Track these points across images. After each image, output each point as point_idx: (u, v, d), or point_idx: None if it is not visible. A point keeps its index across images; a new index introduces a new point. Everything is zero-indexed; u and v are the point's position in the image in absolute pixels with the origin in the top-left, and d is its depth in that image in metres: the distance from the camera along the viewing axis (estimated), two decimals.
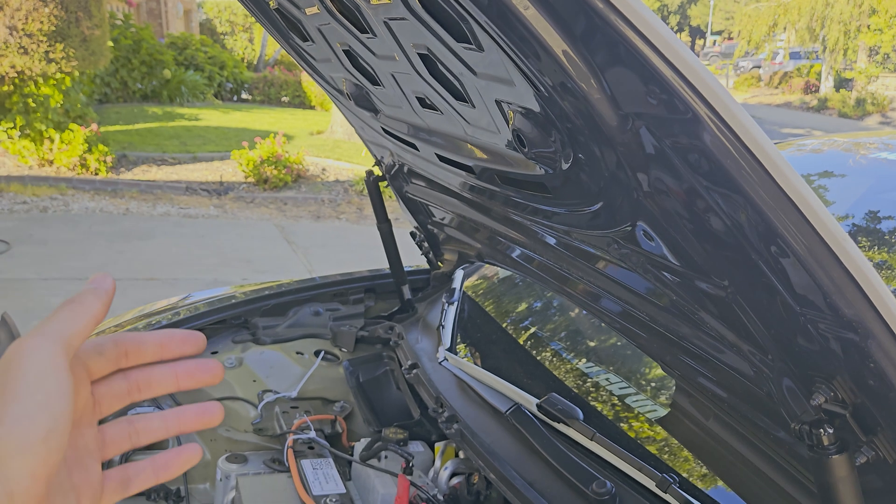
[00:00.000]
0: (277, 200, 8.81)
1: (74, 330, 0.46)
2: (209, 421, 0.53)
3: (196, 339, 0.52)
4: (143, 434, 0.52)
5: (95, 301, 0.48)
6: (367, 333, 2.11)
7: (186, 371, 0.52)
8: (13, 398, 0.41)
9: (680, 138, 0.67)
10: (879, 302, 0.64)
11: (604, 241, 1.02)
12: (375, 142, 1.93)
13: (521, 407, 1.52)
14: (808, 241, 0.64)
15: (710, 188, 0.70)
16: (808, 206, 0.64)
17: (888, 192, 2.09)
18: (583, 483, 1.30)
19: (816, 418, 0.77)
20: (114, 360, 0.50)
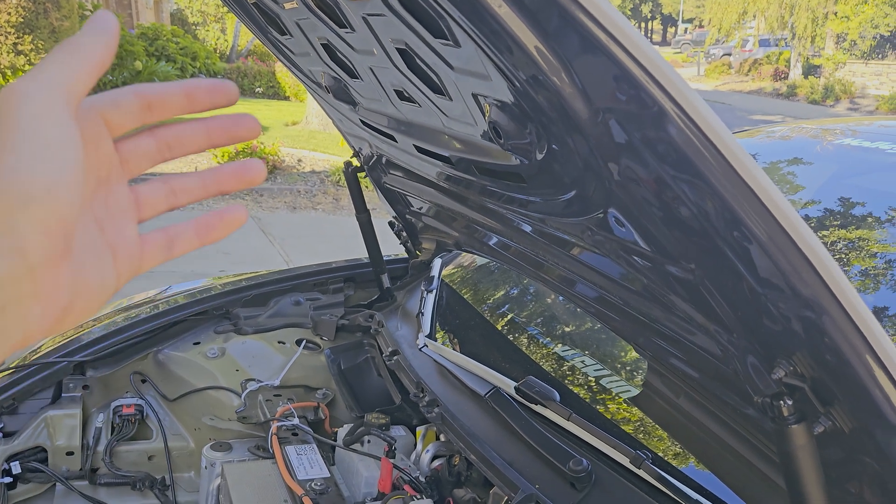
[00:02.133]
0: (253, 192, 8.76)
1: (73, 75, 0.39)
2: (250, 179, 0.48)
3: (227, 88, 0.46)
4: (180, 194, 0.48)
5: (96, 42, 0.41)
6: (347, 322, 2.14)
7: (220, 126, 0.47)
8: (6, 149, 0.36)
9: (647, 130, 0.71)
10: (832, 282, 0.68)
11: (578, 228, 1.06)
12: (354, 133, 1.96)
13: (499, 390, 1.57)
14: (767, 226, 0.69)
15: (675, 177, 0.74)
16: (765, 193, 0.68)
17: (851, 178, 2.17)
18: (560, 461, 1.35)
19: (777, 391, 0.82)
20: (136, 114, 0.44)
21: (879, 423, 0.76)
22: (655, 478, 1.24)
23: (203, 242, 0.48)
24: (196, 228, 0.48)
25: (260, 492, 1.57)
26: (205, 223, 0.48)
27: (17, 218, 0.36)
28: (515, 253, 1.64)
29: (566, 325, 1.94)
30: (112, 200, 0.44)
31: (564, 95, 0.76)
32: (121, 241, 0.44)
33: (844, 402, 0.79)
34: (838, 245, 1.75)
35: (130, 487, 1.83)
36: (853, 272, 1.64)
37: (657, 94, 0.67)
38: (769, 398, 0.81)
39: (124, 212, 0.45)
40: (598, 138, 0.79)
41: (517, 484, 1.34)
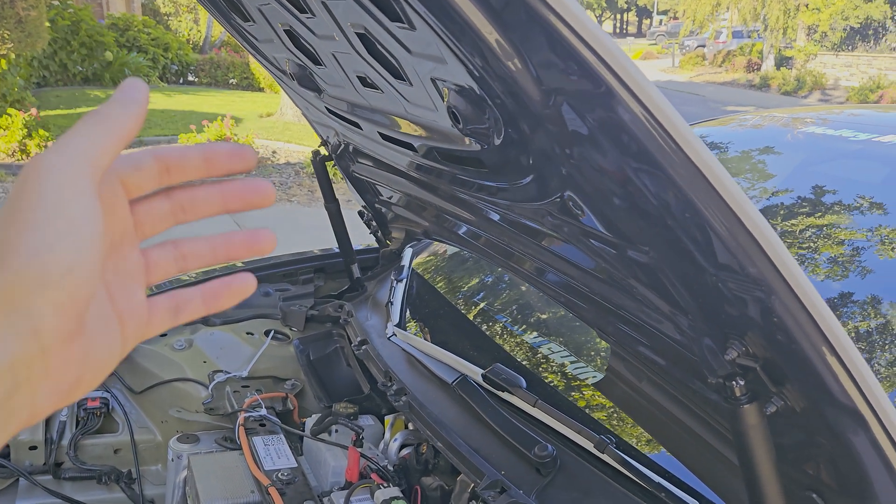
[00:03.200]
0: None
1: (100, 147, 0.39)
2: (260, 248, 0.47)
3: (245, 153, 0.45)
4: (190, 258, 0.47)
5: (124, 113, 0.41)
6: (316, 312, 2.13)
7: (235, 191, 0.46)
8: (29, 226, 0.36)
9: (596, 113, 0.72)
10: (779, 262, 0.69)
11: (538, 213, 1.07)
12: (321, 122, 1.94)
13: (467, 378, 1.57)
14: (715, 208, 0.69)
15: (626, 160, 0.75)
16: (713, 174, 0.69)
17: (817, 165, 2.19)
18: (526, 447, 1.36)
19: (731, 372, 0.82)
20: (154, 177, 0.44)
21: (828, 402, 0.78)
22: (619, 462, 1.25)
23: (210, 311, 0.47)
24: (203, 296, 0.47)
25: (227, 483, 1.56)
26: (212, 291, 0.47)
27: (34, 299, 0.35)
28: (484, 242, 1.65)
29: (535, 313, 1.95)
30: (123, 265, 0.43)
31: (516, 78, 0.76)
32: (129, 308, 0.43)
33: (795, 381, 0.80)
34: (807, 232, 1.77)
35: (96, 481, 1.81)
36: (813, 258, 1.67)
37: (606, 76, 0.67)
38: (722, 379, 0.82)
39: (134, 276, 0.44)
40: (551, 122, 0.79)
41: (483, 470, 1.34)
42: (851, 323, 1.49)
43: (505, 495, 1.28)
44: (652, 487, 1.19)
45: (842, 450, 0.82)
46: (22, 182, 0.37)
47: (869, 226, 1.77)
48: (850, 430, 0.79)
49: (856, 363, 0.72)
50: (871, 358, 1.41)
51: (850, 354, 0.72)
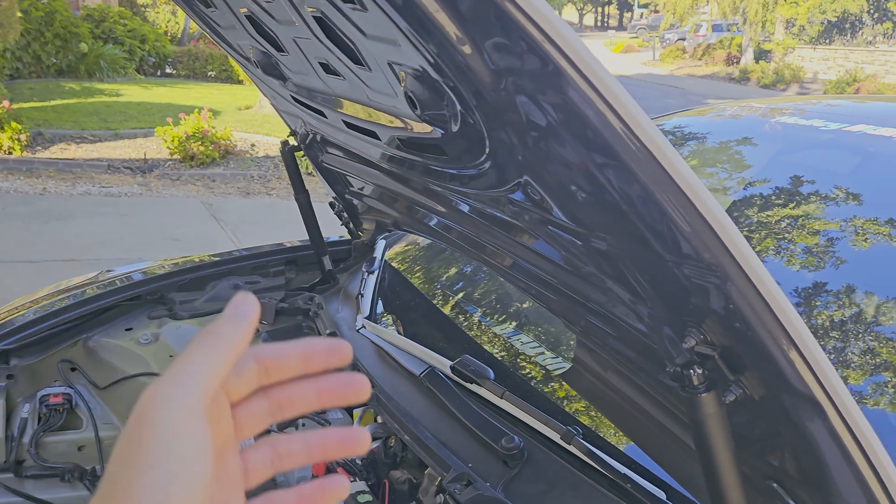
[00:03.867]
0: (205, 177, 8.60)
1: (212, 371, 0.41)
2: (354, 448, 0.48)
3: (341, 349, 0.47)
4: (286, 459, 0.47)
5: (236, 331, 0.43)
6: (287, 305, 2.10)
7: (331, 388, 0.47)
8: (145, 466, 0.37)
9: (547, 96, 0.70)
10: (733, 246, 0.68)
11: (500, 200, 1.05)
12: (288, 111, 1.91)
13: (435, 370, 1.55)
14: (668, 191, 0.68)
15: (578, 144, 0.73)
16: (665, 158, 0.67)
17: (791, 154, 2.20)
18: (493, 440, 1.34)
19: (689, 360, 0.81)
20: (255, 380, 0.45)
21: (785, 389, 0.76)
22: (585, 453, 1.24)
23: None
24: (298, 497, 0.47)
25: None
26: (308, 493, 0.47)
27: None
28: (454, 233, 1.63)
29: (507, 305, 1.94)
30: (225, 475, 0.44)
31: (467, 60, 0.74)
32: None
33: (752, 369, 0.79)
34: (782, 223, 1.77)
35: (59, 479, 1.77)
36: (787, 249, 1.66)
37: (555, 56, 0.65)
38: (680, 367, 0.80)
39: (235, 483, 0.44)
40: (504, 106, 0.77)
41: (449, 463, 1.33)
42: (826, 312, 1.49)
43: (471, 488, 1.26)
44: (619, 478, 1.18)
45: (800, 438, 0.81)
46: (139, 414, 0.39)
47: (840, 216, 1.77)
48: (808, 418, 0.78)
49: (812, 350, 0.71)
50: (846, 347, 1.41)
51: (805, 341, 0.71)
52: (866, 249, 1.64)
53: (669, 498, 1.13)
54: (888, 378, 1.36)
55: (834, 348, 1.39)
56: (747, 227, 1.75)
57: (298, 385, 0.47)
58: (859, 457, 0.77)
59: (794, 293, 1.50)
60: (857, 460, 0.77)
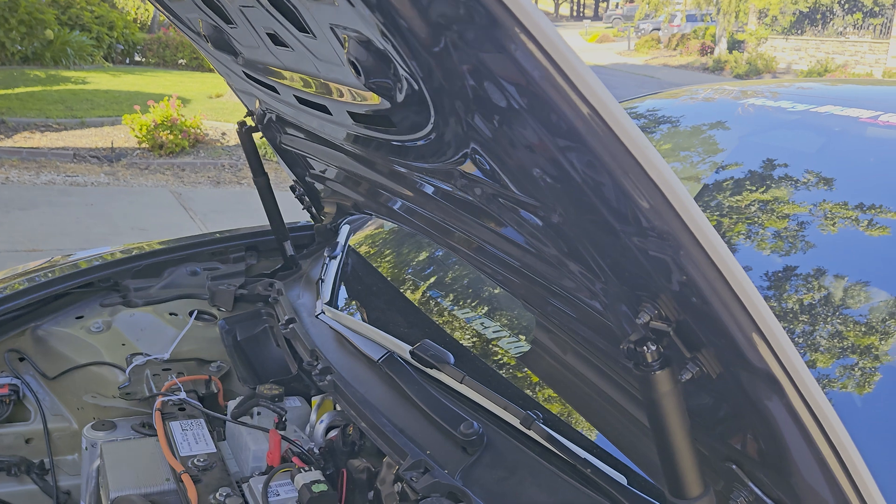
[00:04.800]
0: (174, 166, 8.44)
1: None
2: None
3: None
4: None
5: None
6: (246, 291, 2.04)
7: None
8: None
9: (490, 57, 0.65)
10: (686, 214, 0.63)
11: (451, 174, 1.00)
12: (243, 89, 1.84)
13: (393, 355, 1.51)
14: (617, 155, 0.63)
15: (523, 108, 0.68)
16: (615, 121, 0.62)
17: (760, 135, 2.17)
18: (452, 426, 1.30)
19: (643, 336, 0.77)
20: None
21: (743, 366, 0.73)
22: (545, 438, 1.20)
23: None
24: None
25: (140, 471, 1.47)
26: None
27: None
28: (415, 214, 1.58)
29: (470, 288, 1.89)
30: None
31: (405, 19, 0.69)
32: None
33: (709, 345, 0.75)
34: (752, 207, 1.75)
35: (6, 473, 1.70)
36: (757, 233, 1.64)
37: (496, 10, 0.60)
38: (634, 344, 0.76)
39: None
40: (445, 70, 0.72)
41: (406, 451, 1.28)
42: (796, 296, 1.46)
43: (428, 475, 1.22)
44: (579, 463, 1.14)
45: (759, 418, 0.77)
46: None
47: (806, 199, 1.74)
48: (766, 396, 0.74)
49: (769, 325, 0.67)
50: (814, 331, 1.39)
51: (762, 314, 0.67)
52: (834, 234, 1.62)
53: (631, 483, 1.10)
54: (856, 360, 1.34)
55: (803, 332, 1.37)
56: (716, 210, 1.73)
57: None
58: (819, 436, 0.74)
59: (759, 277, 1.48)
60: (817, 439, 0.74)
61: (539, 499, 1.17)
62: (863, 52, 21.18)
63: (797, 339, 1.35)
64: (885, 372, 1.31)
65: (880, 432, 1.23)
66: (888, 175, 1.70)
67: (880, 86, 3.23)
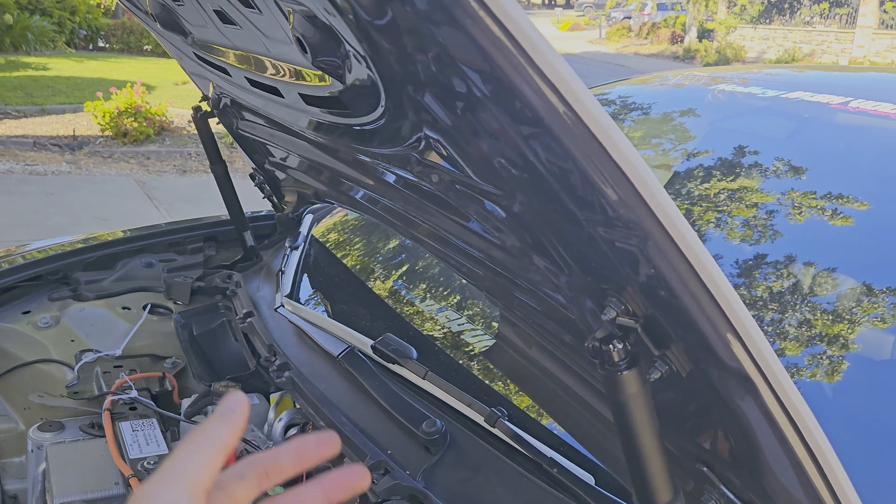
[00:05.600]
0: (139, 155, 8.25)
1: (203, 469, 0.43)
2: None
3: (329, 439, 0.50)
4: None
5: (223, 428, 0.45)
6: (203, 284, 1.96)
7: (334, 484, 0.49)
8: None
9: (441, 29, 0.59)
10: (653, 200, 0.58)
11: (408, 160, 0.94)
12: (196, 72, 1.76)
13: (354, 350, 1.45)
14: (578, 136, 0.58)
15: (479, 88, 0.62)
16: (577, 101, 0.57)
17: (730, 121, 2.15)
18: (414, 424, 1.24)
19: (609, 334, 0.72)
20: (255, 483, 0.47)
21: (714, 364, 0.68)
22: (510, 436, 1.15)
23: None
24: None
25: (87, 474, 1.39)
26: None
27: None
28: (374, 201, 1.51)
29: (436, 281, 1.83)
30: None
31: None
32: None
33: (678, 342, 0.71)
34: (722, 195, 1.71)
35: None
36: (725, 221, 1.60)
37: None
38: (599, 342, 0.71)
39: None
40: (393, 46, 0.65)
41: (366, 451, 1.23)
42: (765, 283, 1.43)
43: (388, 477, 1.16)
44: (545, 463, 1.09)
45: (731, 418, 0.73)
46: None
47: (777, 187, 1.71)
48: (739, 395, 0.69)
49: (743, 321, 0.62)
50: (783, 319, 1.35)
51: (735, 310, 0.62)
52: (802, 223, 1.59)
53: (599, 482, 1.05)
54: (825, 348, 1.31)
55: (772, 321, 1.34)
56: (686, 198, 1.69)
57: (304, 489, 0.48)
58: (794, 437, 0.69)
59: (730, 265, 1.44)
60: (792, 441, 0.70)
61: (504, 499, 1.12)
62: (829, 42, 21.44)
63: (766, 327, 1.32)
64: (853, 360, 1.28)
65: (848, 421, 1.20)
66: (859, 161, 1.68)
67: (849, 72, 3.23)
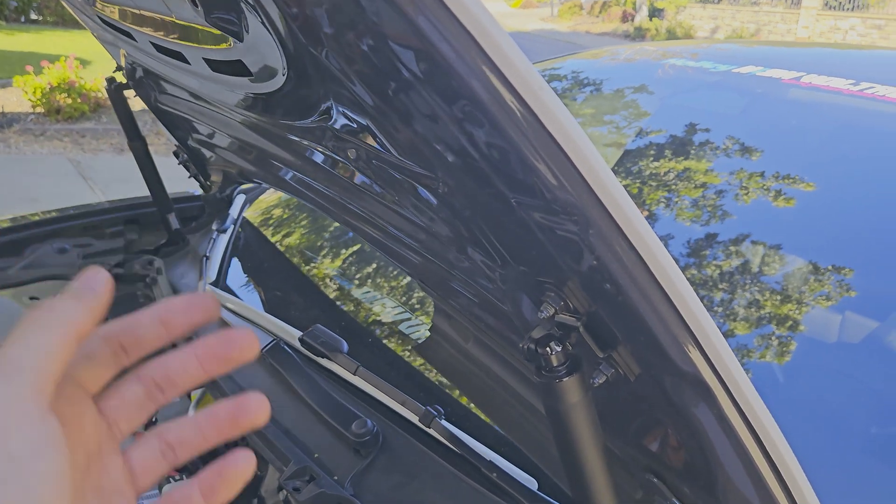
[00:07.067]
0: (73, 133, 7.87)
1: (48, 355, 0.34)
2: (252, 420, 0.41)
3: (203, 301, 0.40)
4: (179, 450, 0.41)
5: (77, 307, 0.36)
6: (122, 271, 1.80)
7: (212, 352, 0.40)
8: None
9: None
10: (595, 180, 0.48)
11: (323, 134, 0.82)
12: (105, 39, 1.60)
13: (280, 343, 1.33)
14: (505, 99, 0.47)
15: (391, 47, 0.51)
16: (504, 59, 0.46)
17: (681, 96, 2.08)
18: (343, 425, 1.14)
19: (547, 334, 0.62)
20: (111, 362, 0.39)
21: (665, 368, 0.59)
22: (447, 437, 1.05)
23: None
24: (203, 491, 0.41)
25: None
26: (212, 483, 0.41)
27: None
28: (302, 182, 1.39)
29: (377, 268, 1.72)
30: (106, 480, 0.38)
31: None
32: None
33: (626, 343, 0.61)
34: (671, 175, 1.64)
35: None
36: (673, 200, 1.53)
37: None
38: (534, 343, 0.61)
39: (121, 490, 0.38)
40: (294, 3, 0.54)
41: (289, 455, 1.12)
42: (716, 262, 1.36)
43: (313, 485, 1.06)
44: (485, 467, 1.00)
45: (684, 426, 0.64)
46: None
47: (728, 165, 1.65)
48: (693, 402, 0.60)
49: (698, 318, 0.53)
50: (733, 299, 1.29)
51: (690, 307, 0.53)
52: (749, 203, 1.52)
53: (542, 488, 0.97)
54: (774, 328, 1.25)
55: (722, 300, 1.27)
56: (636, 177, 1.61)
57: (173, 357, 0.40)
58: (755, 449, 0.61)
59: (681, 245, 1.37)
60: (753, 453, 0.61)
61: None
62: (775, 22, 21.79)
63: (716, 308, 1.26)
64: (802, 341, 1.23)
65: (797, 404, 1.15)
66: (815, 137, 1.62)
67: (799, 47, 3.21)
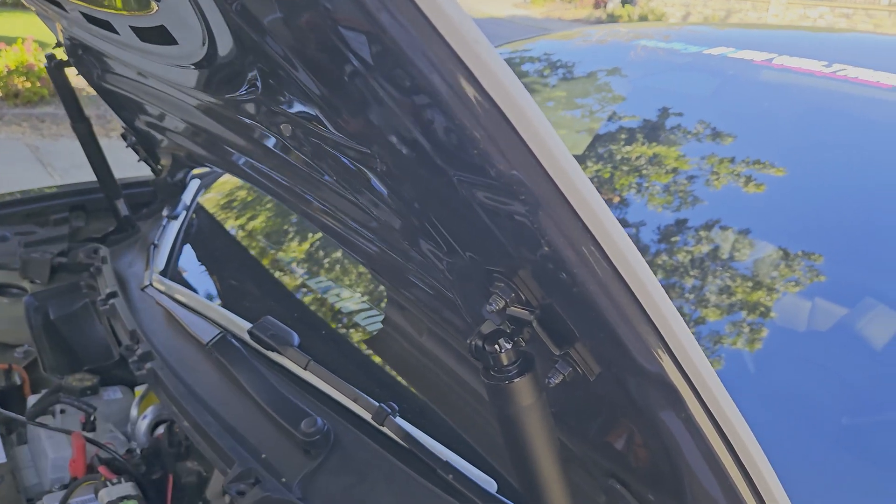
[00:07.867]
0: (32, 117, 7.63)
1: None
2: None
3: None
4: None
5: None
6: (66, 260, 1.71)
7: None
8: None
9: None
10: (546, 156, 0.41)
11: (252, 106, 0.74)
12: (41, 13, 1.49)
13: (227, 336, 1.25)
14: (444, 59, 0.40)
15: (315, 9, 0.44)
16: (442, 18, 0.39)
17: (652, 77, 2.02)
18: (291, 423, 1.07)
19: (497, 329, 0.56)
20: None
21: (629, 368, 0.53)
22: (401, 436, 0.99)
23: None
24: None
25: None
26: None
27: None
28: (254, 167, 1.31)
29: (334, 257, 1.64)
30: None
31: None
32: None
33: (584, 339, 0.55)
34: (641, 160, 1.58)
35: None
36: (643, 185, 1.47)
37: None
38: (482, 340, 0.55)
39: None
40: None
41: (234, 456, 1.04)
42: (686, 248, 1.31)
43: (257, 489, 0.98)
44: (441, 467, 0.94)
45: (649, 430, 0.58)
46: None
47: (699, 149, 1.59)
48: (659, 405, 0.54)
49: (664, 313, 0.47)
50: (704, 285, 1.23)
51: (654, 300, 0.46)
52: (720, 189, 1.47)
53: (501, 490, 0.91)
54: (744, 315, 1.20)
55: (693, 287, 1.22)
56: (608, 161, 1.55)
57: None
58: (724, 454, 0.55)
59: (651, 232, 1.31)
60: (722, 458, 0.56)
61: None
62: (746, 10, 21.92)
63: (687, 294, 1.20)
64: (772, 328, 1.18)
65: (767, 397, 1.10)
66: (783, 121, 1.57)
67: (770, 29, 3.17)
